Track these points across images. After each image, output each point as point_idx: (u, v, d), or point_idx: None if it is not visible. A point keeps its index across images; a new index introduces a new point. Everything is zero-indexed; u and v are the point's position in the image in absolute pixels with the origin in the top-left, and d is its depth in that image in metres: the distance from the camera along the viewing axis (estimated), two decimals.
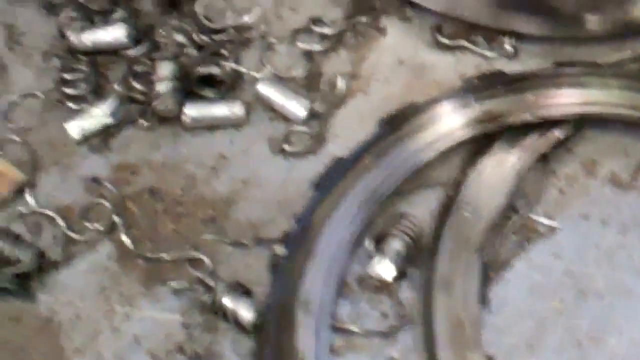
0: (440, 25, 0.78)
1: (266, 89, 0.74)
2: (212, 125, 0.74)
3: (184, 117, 0.74)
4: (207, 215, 0.71)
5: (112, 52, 0.76)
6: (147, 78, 0.74)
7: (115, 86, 0.75)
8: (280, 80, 0.76)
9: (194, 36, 0.76)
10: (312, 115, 0.73)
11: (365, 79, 0.76)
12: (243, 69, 0.75)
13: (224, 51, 0.76)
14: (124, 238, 0.69)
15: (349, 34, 0.78)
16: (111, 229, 0.70)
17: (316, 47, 0.77)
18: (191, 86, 0.74)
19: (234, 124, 0.74)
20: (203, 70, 0.74)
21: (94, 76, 0.75)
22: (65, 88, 0.75)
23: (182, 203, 0.71)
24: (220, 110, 0.74)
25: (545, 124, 0.72)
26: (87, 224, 0.70)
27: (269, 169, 0.73)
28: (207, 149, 0.74)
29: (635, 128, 0.73)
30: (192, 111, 0.73)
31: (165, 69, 0.73)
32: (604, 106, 0.74)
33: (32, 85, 0.76)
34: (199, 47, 0.76)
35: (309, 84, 0.76)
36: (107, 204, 0.71)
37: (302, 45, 0.77)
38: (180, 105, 0.73)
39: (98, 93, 0.75)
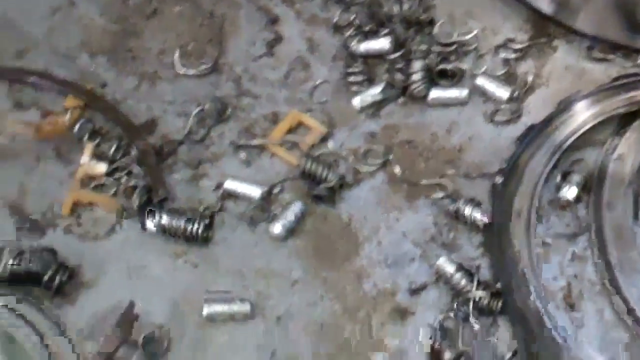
0: (592, 45, 0.77)
1: (481, 81, 0.76)
2: (446, 103, 0.76)
3: (429, 98, 0.75)
4: (447, 158, 0.73)
5: (378, 56, 0.77)
6: (403, 72, 0.75)
7: (383, 77, 0.76)
8: (489, 76, 0.76)
9: (434, 47, 0.76)
10: (511, 99, 0.74)
11: (544, 78, 0.77)
12: (465, 67, 0.76)
13: (452, 56, 0.76)
14: (396, 169, 0.72)
15: (534, 49, 0.78)
16: (384, 164, 0.73)
17: (511, 56, 0.77)
18: (433, 77, 0.75)
19: (460, 103, 0.75)
20: (441, 67, 0.75)
21: (367, 70, 0.77)
22: (348, 78, 0.76)
23: (429, 150, 0.74)
24: (452, 93, 0.75)
25: None
26: (368, 161, 0.73)
27: (485, 131, 0.74)
28: (443, 118, 0.75)
29: None
30: (434, 94, 0.75)
31: (417, 66, 0.75)
32: None
33: (326, 76, 0.78)
34: (437, 53, 0.76)
35: (507, 79, 0.76)
36: (380, 149, 0.73)
37: (502, 55, 0.77)
38: (427, 90, 0.75)
39: (370, 81, 0.76)
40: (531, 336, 0.63)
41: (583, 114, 0.73)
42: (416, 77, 0.76)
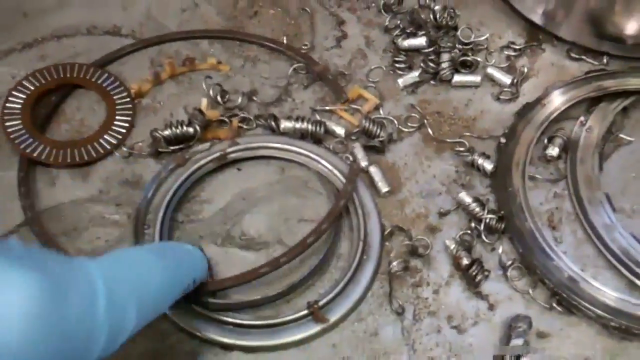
0: (571, 48, 0.80)
1: (490, 70, 0.78)
2: (465, 85, 0.78)
3: (452, 81, 0.77)
4: (465, 124, 0.75)
5: (416, 50, 0.80)
6: (435, 62, 0.78)
7: (420, 65, 0.78)
8: (496, 67, 0.79)
9: (457, 45, 0.78)
10: (512, 84, 0.77)
11: (536, 70, 0.79)
12: (480, 60, 0.78)
13: (470, 52, 0.79)
14: (428, 130, 0.74)
15: (528, 49, 0.80)
16: (419, 127, 0.74)
17: (512, 54, 0.80)
18: (456, 67, 0.78)
19: (475, 86, 0.77)
20: (462, 59, 0.77)
21: (408, 60, 0.79)
22: (395, 65, 0.79)
23: (452, 118, 0.75)
24: (470, 78, 0.78)
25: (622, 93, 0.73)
26: (408, 124, 0.75)
27: (492, 107, 0.76)
28: (463, 96, 0.77)
29: None
30: (457, 78, 0.77)
31: (444, 57, 0.77)
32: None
33: (379, 63, 0.80)
34: (460, 49, 0.78)
35: (509, 70, 0.78)
36: (416, 116, 0.75)
37: (505, 52, 0.80)
38: (452, 75, 0.77)
39: (410, 68, 0.79)
40: (526, 248, 0.65)
41: (564, 96, 0.75)
42: (444, 65, 0.78)
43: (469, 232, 0.67)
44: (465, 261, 0.63)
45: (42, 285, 0.34)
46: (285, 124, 0.71)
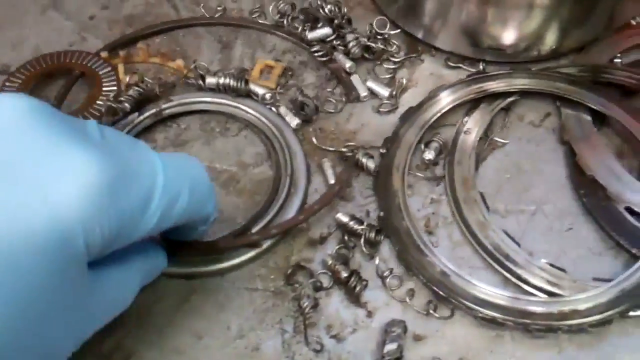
0: (448, 57, 0.82)
1: (370, 84, 0.79)
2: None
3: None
4: (347, 138, 0.75)
5: (323, 41, 0.82)
6: (342, 44, 0.81)
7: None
8: (376, 79, 0.80)
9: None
10: (391, 96, 0.78)
11: (415, 81, 0.80)
12: (383, 46, 0.81)
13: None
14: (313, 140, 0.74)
15: (407, 62, 0.83)
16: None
17: (392, 66, 0.81)
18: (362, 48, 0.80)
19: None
20: (367, 43, 0.81)
21: (324, 47, 0.80)
22: (315, 55, 0.81)
23: (334, 133, 0.76)
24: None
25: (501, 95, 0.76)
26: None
27: (373, 119, 0.77)
28: (344, 112, 0.78)
29: (543, 97, 0.76)
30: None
31: (350, 37, 0.80)
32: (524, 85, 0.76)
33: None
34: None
35: (389, 83, 0.80)
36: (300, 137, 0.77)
37: (385, 65, 0.82)
38: (362, 53, 0.81)
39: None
40: (403, 245, 0.66)
41: (446, 99, 0.77)
42: (352, 44, 0.82)
43: (344, 246, 0.67)
44: (343, 274, 0.65)
45: (108, 169, 0.38)
46: (209, 80, 0.77)
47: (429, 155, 0.73)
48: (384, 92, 0.79)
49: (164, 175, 0.44)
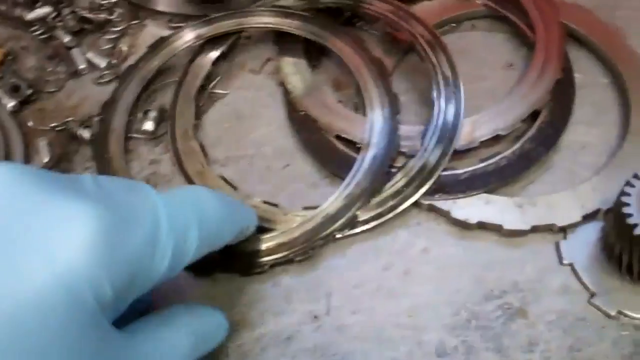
0: (171, 18, 0.80)
1: (89, 55, 0.77)
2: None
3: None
4: (68, 114, 0.73)
5: (44, 20, 0.80)
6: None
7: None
8: (96, 51, 0.78)
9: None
10: (110, 65, 0.77)
11: (138, 47, 0.79)
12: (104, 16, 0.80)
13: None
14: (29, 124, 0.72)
15: (130, 29, 0.81)
16: None
17: (112, 37, 0.80)
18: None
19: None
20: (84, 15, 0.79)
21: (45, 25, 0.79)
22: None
23: (53, 112, 0.74)
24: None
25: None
26: None
27: (93, 91, 0.75)
28: (66, 90, 0.77)
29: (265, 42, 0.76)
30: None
31: (66, 11, 0.79)
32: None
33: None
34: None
35: (112, 54, 0.78)
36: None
37: (105, 37, 0.79)
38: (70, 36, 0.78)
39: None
40: None
41: (161, 56, 0.75)
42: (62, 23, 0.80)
43: None
44: None
45: (106, 217, 0.38)
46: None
47: (149, 125, 0.71)
48: (102, 62, 0.77)
49: (167, 213, 0.42)
